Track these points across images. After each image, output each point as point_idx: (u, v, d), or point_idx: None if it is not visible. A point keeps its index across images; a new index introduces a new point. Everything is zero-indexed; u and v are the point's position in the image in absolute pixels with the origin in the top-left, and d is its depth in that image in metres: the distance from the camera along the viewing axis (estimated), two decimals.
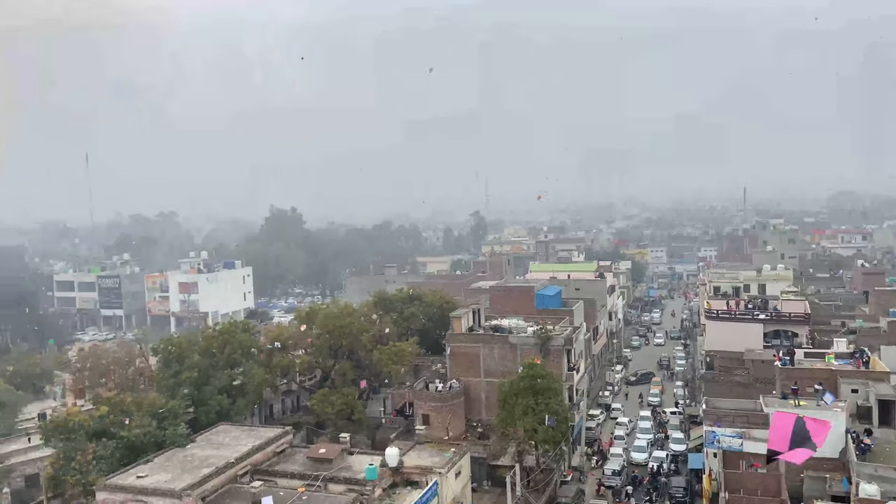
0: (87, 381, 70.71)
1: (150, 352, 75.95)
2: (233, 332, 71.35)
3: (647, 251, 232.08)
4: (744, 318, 77.81)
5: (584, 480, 65.21)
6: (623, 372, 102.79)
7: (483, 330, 72.25)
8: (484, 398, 67.04)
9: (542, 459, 60.86)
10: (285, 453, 57.19)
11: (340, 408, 65.21)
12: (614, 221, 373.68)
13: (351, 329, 71.24)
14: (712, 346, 74.76)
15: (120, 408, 57.77)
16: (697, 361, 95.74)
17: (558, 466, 62.96)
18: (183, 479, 48.87)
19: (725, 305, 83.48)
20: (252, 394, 68.00)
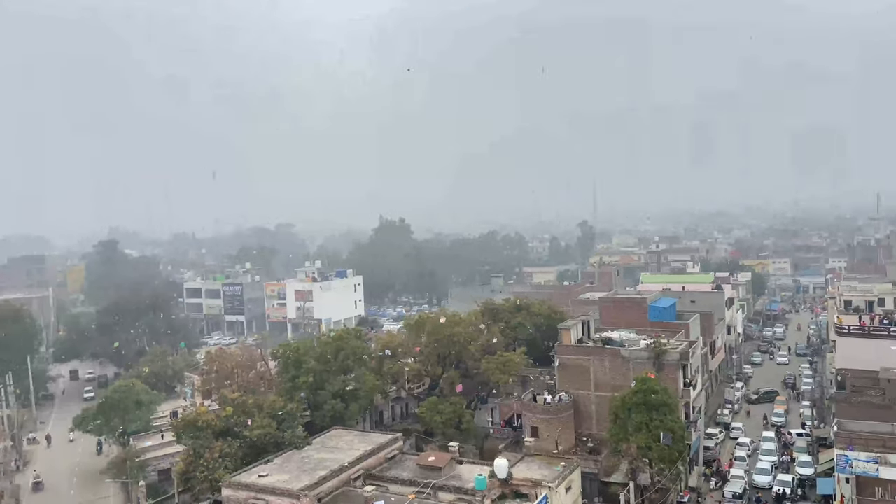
0: (214, 382, 74.37)
1: (269, 356, 79.20)
2: (346, 339, 73.18)
3: (769, 262, 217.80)
4: (879, 334, 72.26)
5: (702, 502, 62.40)
6: (743, 390, 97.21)
7: (593, 342, 70.58)
8: (594, 412, 65.45)
9: (656, 478, 58.67)
10: (396, 459, 57.97)
11: (449, 416, 65.45)
12: (732, 231, 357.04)
13: (459, 338, 71.40)
14: (844, 364, 69.59)
15: (243, 409, 60.48)
16: (826, 380, 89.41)
17: (674, 486, 60.45)
18: (300, 480, 50.67)
19: (858, 321, 77.81)
20: (364, 399, 69.36)
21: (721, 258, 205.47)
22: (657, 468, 57.76)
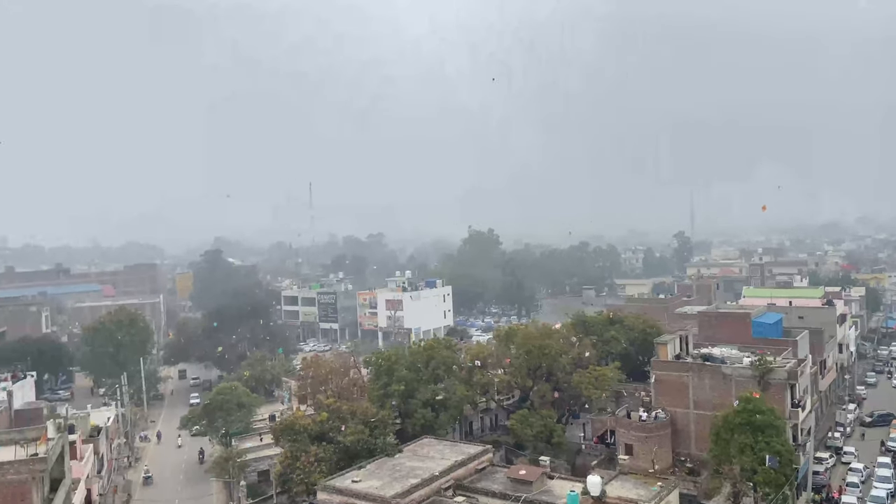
0: (309, 387, 76.10)
1: (362, 363, 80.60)
2: (436, 349, 73.71)
3: (885, 276, 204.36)
4: None
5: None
6: (857, 412, 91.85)
7: (692, 358, 68.17)
8: (693, 431, 63.01)
9: (761, 503, 56.02)
10: (486, 471, 57.60)
11: (539, 430, 64.81)
12: (843, 243, 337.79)
13: (550, 350, 70.55)
14: None
15: (337, 414, 61.73)
16: None
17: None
18: (392, 488, 51.02)
19: None
20: (453, 409, 69.50)
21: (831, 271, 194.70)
22: (762, 493, 55.18)
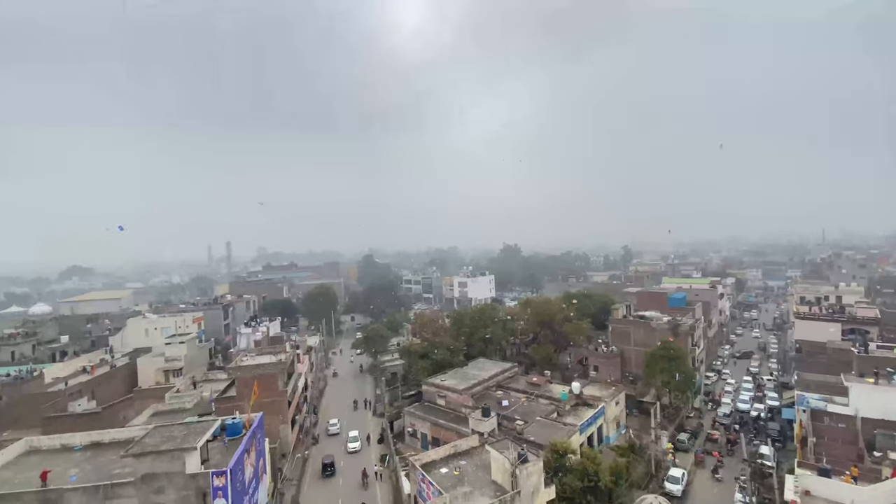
0: (418, 328, 78.81)
1: (445, 317, 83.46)
2: (486, 309, 75.84)
3: (747, 271, 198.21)
4: (826, 318, 64.09)
5: (702, 417, 58.77)
6: (730, 350, 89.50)
7: (633, 317, 68.58)
8: (633, 359, 63.51)
9: (673, 401, 56.34)
10: (513, 378, 59.58)
11: (544, 356, 66.13)
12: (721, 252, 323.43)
13: (550, 311, 71.80)
14: (801, 337, 62.68)
15: (432, 344, 64.72)
16: (788, 346, 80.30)
17: (685, 407, 57.68)
18: (462, 384, 53.64)
19: (809, 309, 69.46)
20: (495, 343, 71.44)
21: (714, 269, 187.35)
22: (674, 395, 55.56)
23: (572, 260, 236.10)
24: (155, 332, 75.57)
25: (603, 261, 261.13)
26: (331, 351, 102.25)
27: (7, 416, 52.74)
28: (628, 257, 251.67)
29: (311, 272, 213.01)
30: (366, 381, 79.10)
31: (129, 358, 67.06)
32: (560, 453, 33.12)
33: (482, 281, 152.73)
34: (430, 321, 76.76)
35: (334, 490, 45.40)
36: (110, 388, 59.01)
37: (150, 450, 24.75)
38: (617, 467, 36.35)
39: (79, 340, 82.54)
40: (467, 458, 36.05)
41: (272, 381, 48.13)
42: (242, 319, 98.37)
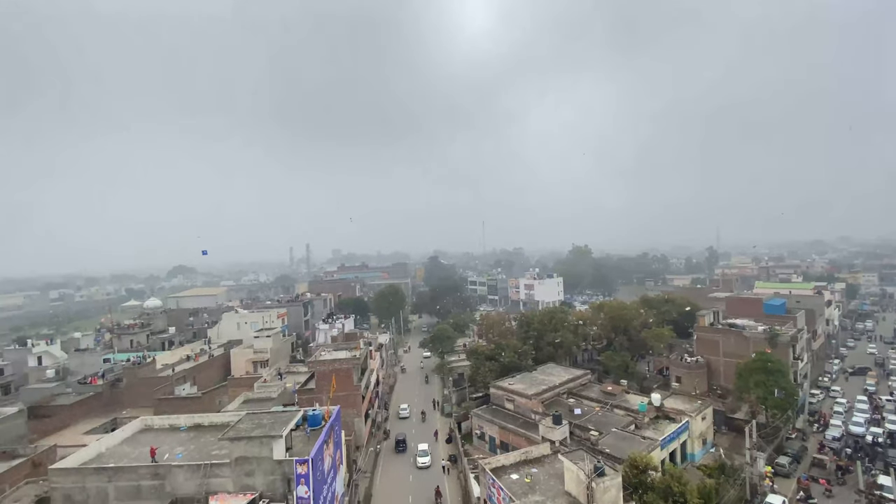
0: (484, 330, 78.70)
1: (511, 318, 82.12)
2: (555, 312, 73.43)
3: (861, 275, 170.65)
4: None
5: (806, 439, 52.30)
6: (840, 365, 78.70)
7: (721, 325, 62.90)
8: (722, 371, 58.32)
9: (770, 420, 50.65)
10: (586, 385, 57.05)
11: (619, 363, 62.78)
12: (826, 254, 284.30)
13: (626, 316, 68.21)
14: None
15: (499, 346, 63.89)
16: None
17: (785, 426, 51.68)
18: (531, 389, 52.39)
19: None
20: (565, 348, 68.62)
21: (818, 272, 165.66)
22: (771, 412, 49.97)
23: (649, 262, 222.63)
24: (245, 326, 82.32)
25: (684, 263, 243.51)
26: (401, 349, 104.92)
27: (127, 396, 60.37)
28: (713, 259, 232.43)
29: (381, 272, 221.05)
30: (434, 379, 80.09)
31: (224, 349, 73.69)
32: (640, 469, 31.03)
33: (550, 283, 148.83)
34: (496, 323, 75.84)
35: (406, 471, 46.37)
36: (208, 375, 65.26)
37: (243, 435, 26.84)
38: (705, 489, 33.30)
39: (183, 331, 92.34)
40: (538, 465, 35.04)
41: (347, 375, 50.33)
42: (320, 316, 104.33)
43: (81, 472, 26.44)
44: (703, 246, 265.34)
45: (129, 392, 60.28)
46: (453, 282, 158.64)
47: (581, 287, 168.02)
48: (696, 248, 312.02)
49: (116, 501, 26.08)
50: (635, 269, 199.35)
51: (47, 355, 72.36)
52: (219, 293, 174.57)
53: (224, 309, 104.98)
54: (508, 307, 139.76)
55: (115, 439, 31.97)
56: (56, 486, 26.13)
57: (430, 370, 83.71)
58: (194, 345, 79.25)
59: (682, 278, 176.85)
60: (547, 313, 73.44)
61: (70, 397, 59.36)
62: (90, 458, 28.80)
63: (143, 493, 26.00)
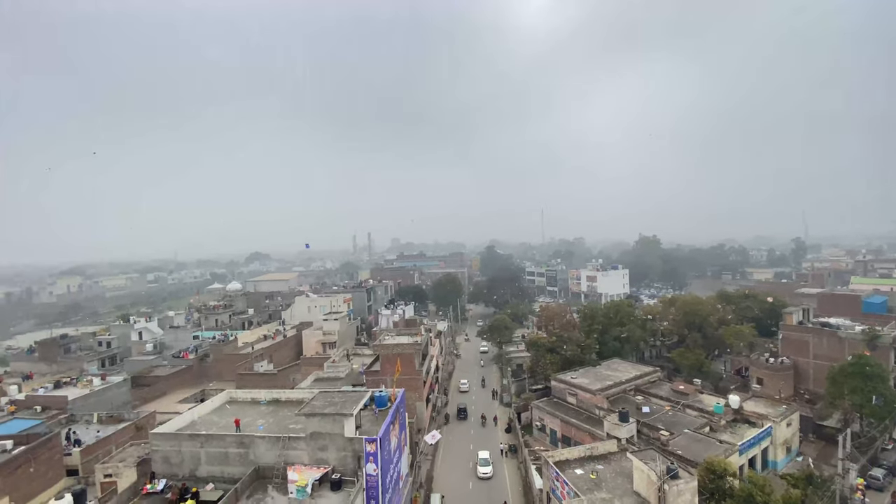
0: (543, 321, 77.52)
1: (572, 310, 79.93)
2: (622, 305, 70.59)
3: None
4: None
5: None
6: None
7: (812, 324, 56.98)
8: (811, 374, 53.10)
9: (865, 429, 45.36)
10: (655, 383, 54.35)
11: (692, 362, 59.09)
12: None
13: (701, 312, 63.85)
14: None
15: (561, 339, 62.54)
16: None
17: (881, 436, 46.05)
18: (595, 384, 50.76)
19: None
20: (632, 343, 66.18)
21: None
22: (867, 421, 44.73)
23: (725, 254, 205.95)
24: (315, 310, 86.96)
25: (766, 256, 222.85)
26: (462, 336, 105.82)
27: (213, 370, 66.17)
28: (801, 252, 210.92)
29: (439, 261, 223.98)
30: (491, 369, 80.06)
31: (296, 330, 78.37)
32: (718, 474, 28.98)
33: (614, 275, 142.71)
34: (556, 315, 74.29)
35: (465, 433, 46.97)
36: (283, 353, 69.82)
37: (318, 411, 28.33)
38: (791, 500, 30.50)
39: (260, 313, 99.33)
40: (604, 462, 33.91)
41: (409, 360, 51.55)
42: (382, 302, 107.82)
43: (178, 437, 29.26)
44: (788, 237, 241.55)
45: (214, 366, 66.03)
46: (511, 272, 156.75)
47: (648, 280, 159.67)
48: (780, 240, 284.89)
49: (207, 465, 28.62)
50: (710, 261, 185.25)
51: (146, 331, 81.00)
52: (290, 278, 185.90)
53: (296, 293, 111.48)
54: (568, 299, 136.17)
55: (205, 409, 35.07)
56: (156, 449, 29.15)
57: (489, 360, 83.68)
58: (270, 325, 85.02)
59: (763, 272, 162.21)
60: (613, 306, 70.89)
61: (166, 369, 66.14)
62: (185, 425, 31.81)
63: (230, 460, 28.31)
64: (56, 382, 53.94)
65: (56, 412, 45.02)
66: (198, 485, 27.57)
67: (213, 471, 28.48)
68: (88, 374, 59.02)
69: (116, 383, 53.85)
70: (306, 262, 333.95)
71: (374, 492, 27.90)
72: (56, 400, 47.18)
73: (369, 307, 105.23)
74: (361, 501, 27.06)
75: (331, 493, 26.49)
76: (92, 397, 49.59)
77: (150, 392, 59.36)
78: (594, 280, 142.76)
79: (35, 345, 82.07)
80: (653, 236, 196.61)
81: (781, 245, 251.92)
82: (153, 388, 60.28)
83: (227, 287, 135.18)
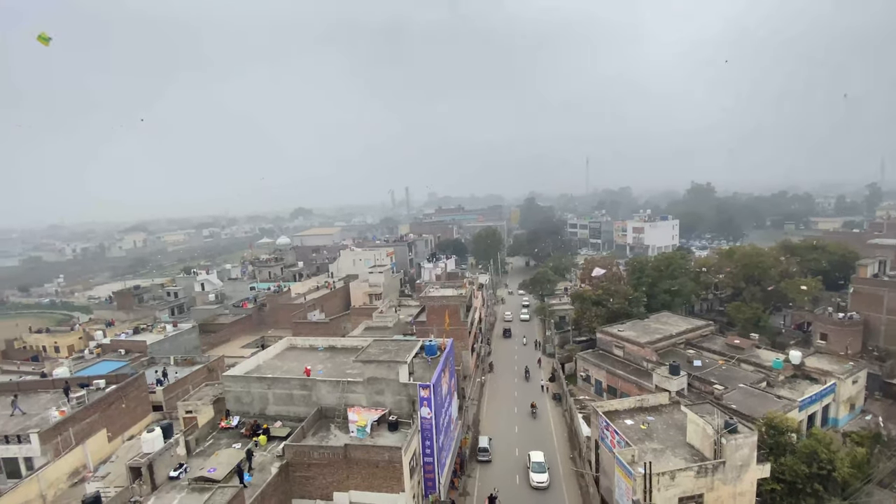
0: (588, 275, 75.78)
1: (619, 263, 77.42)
2: (673, 258, 67.52)
3: None
4: None
5: None
6: None
7: (888, 277, 52.56)
8: (884, 330, 49.68)
9: None
10: (707, 337, 52.76)
11: (749, 316, 56.57)
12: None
13: (762, 264, 60.21)
14: None
15: (607, 291, 61.20)
16: None
17: None
18: (644, 337, 49.92)
19: None
20: (683, 297, 63.79)
21: None
22: None
23: (788, 202, 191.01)
24: (360, 263, 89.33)
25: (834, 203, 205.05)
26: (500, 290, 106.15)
27: (270, 319, 70.29)
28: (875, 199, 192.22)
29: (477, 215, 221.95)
30: (533, 322, 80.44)
31: (344, 282, 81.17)
32: (779, 430, 28.17)
33: (663, 226, 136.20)
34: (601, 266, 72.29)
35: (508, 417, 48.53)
36: (333, 303, 72.94)
37: (373, 358, 29.55)
38: (856, 458, 29.46)
39: (308, 266, 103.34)
40: (655, 414, 33.73)
41: (455, 311, 52.46)
42: (423, 255, 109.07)
43: (247, 379, 31.55)
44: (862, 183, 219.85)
45: (271, 315, 70.11)
46: (552, 224, 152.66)
47: (700, 231, 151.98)
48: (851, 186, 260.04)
49: (275, 405, 30.89)
50: (770, 210, 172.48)
51: (207, 283, 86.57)
52: (333, 233, 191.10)
53: (340, 247, 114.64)
54: (613, 251, 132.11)
55: (269, 354, 37.48)
56: (229, 390, 31.64)
57: (531, 312, 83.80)
58: (318, 278, 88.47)
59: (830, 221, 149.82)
60: (664, 259, 67.93)
61: (228, 317, 70.96)
62: (252, 369, 34.20)
63: (295, 401, 30.36)
64: (135, 328, 59.23)
65: (138, 354, 49.68)
66: (267, 422, 29.91)
67: (279, 410, 30.72)
68: (161, 321, 64.29)
69: (187, 330, 58.46)
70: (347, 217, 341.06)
71: (428, 433, 29.32)
72: (136, 344, 51.94)
73: (410, 261, 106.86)
74: (417, 442, 28.55)
75: (388, 433, 28.04)
76: (166, 342, 54.21)
77: (216, 338, 64.15)
78: (641, 231, 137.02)
79: (113, 295, 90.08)
80: (706, 184, 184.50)
81: (853, 192, 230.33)
82: (218, 334, 65.06)
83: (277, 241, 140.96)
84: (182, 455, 26.57)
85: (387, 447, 25.45)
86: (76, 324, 74.41)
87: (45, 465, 29.06)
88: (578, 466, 38.33)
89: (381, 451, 25.17)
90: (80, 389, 35.28)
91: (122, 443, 34.46)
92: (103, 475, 28.13)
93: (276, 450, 26.79)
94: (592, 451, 34.76)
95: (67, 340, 64.65)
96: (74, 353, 55.76)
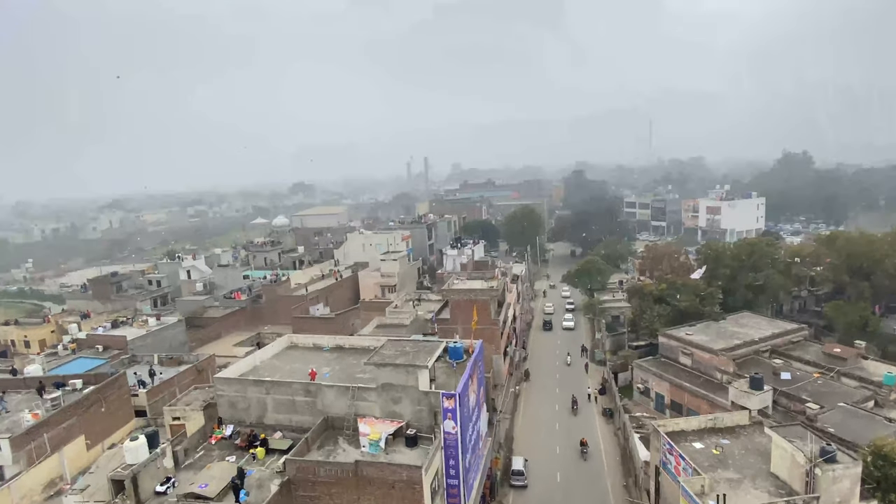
0: (648, 265, 74.97)
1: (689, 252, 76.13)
2: (758, 245, 66.15)
3: None
4: None
5: None
6: None
7: None
8: None
9: None
10: (799, 344, 51.84)
11: (853, 318, 55.09)
12: None
13: (873, 255, 58.14)
14: None
15: (673, 286, 60.47)
16: None
17: None
18: (718, 343, 49.35)
19: None
20: (770, 293, 62.58)
21: None
22: None
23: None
24: (370, 248, 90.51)
25: None
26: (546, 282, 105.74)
27: (266, 312, 72.31)
28: None
29: (511, 191, 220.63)
30: (580, 319, 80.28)
31: (352, 271, 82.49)
32: (889, 460, 27.34)
33: (745, 205, 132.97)
34: (665, 256, 72.22)
35: None
36: (339, 296, 74.42)
37: (388, 361, 30.07)
38: None
39: (310, 251, 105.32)
40: (731, 436, 33.31)
41: (484, 307, 52.51)
42: (445, 240, 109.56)
43: (242, 382, 32.66)
44: None
45: (268, 308, 72.08)
46: (605, 202, 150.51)
47: (793, 212, 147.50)
48: None
49: (274, 412, 31.92)
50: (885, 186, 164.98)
51: (195, 270, 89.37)
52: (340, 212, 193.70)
53: (347, 229, 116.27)
54: (682, 236, 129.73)
55: (267, 354, 38.67)
56: (221, 394, 32.82)
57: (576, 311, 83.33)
58: (323, 265, 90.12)
59: None
60: (745, 246, 66.94)
61: (218, 310, 73.25)
62: (248, 370, 35.37)
63: (298, 408, 31.30)
64: (113, 322, 61.91)
65: (118, 352, 52.01)
66: (266, 432, 30.96)
67: (280, 419, 31.74)
68: (143, 313, 66.92)
69: (172, 324, 60.76)
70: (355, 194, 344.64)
71: (453, 451, 29.75)
72: (116, 340, 54.35)
73: (430, 246, 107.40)
74: (440, 460, 29.04)
75: (406, 449, 28.60)
76: (149, 337, 56.55)
77: (205, 334, 66.44)
78: (717, 212, 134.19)
79: (88, 283, 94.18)
80: (802, 153, 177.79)
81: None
82: (207, 329, 67.34)
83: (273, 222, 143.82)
84: (169, 468, 27.82)
85: (405, 465, 26.01)
86: (48, 315, 78.26)
87: (18, 474, 30.90)
88: (633, 497, 38.30)
89: (397, 470, 25.75)
90: (55, 390, 37.23)
91: (102, 451, 36.30)
92: (82, 488, 29.67)
93: (275, 464, 27.73)
94: (651, 479, 34.65)
95: (39, 334, 68.12)
96: (47, 349, 58.77)
